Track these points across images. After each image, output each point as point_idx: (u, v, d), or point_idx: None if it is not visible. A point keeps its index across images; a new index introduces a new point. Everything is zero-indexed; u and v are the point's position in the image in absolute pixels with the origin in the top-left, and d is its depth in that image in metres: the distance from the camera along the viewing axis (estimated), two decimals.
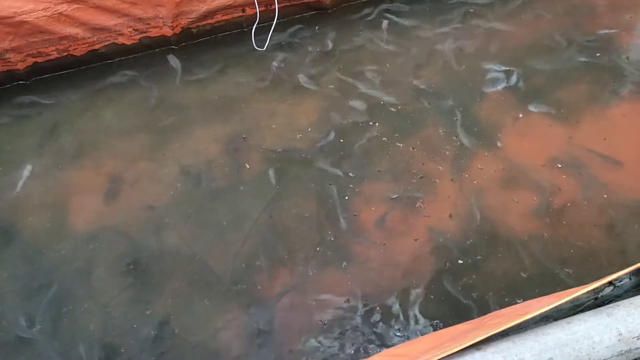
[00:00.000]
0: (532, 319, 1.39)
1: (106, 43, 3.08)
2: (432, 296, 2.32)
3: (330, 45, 3.28)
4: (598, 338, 1.36)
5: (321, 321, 2.25)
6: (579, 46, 3.29)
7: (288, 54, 3.23)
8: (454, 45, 3.29)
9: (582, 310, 1.49)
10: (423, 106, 2.98)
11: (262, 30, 3.27)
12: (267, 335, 2.22)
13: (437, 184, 2.67)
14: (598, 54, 3.24)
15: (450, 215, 2.55)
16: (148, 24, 3.10)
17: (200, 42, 3.28)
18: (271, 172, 2.69)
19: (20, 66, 2.96)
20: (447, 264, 2.41)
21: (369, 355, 1.98)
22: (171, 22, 3.12)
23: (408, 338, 2.20)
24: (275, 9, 3.25)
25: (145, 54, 3.20)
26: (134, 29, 3.09)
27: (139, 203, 2.59)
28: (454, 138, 2.84)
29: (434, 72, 3.15)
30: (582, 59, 3.22)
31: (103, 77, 3.09)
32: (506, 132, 2.87)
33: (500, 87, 3.08)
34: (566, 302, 1.42)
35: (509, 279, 2.37)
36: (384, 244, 2.47)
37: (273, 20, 3.26)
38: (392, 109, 2.97)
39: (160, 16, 3.08)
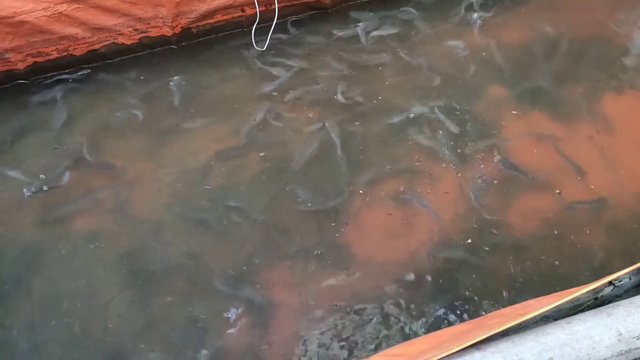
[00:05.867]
0: (532, 319, 1.40)
1: (106, 43, 3.08)
2: (431, 296, 2.32)
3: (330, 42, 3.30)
4: (598, 338, 1.36)
5: (319, 320, 2.25)
6: None
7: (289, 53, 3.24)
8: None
9: (582, 310, 1.49)
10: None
11: (262, 30, 3.27)
12: (266, 335, 2.22)
13: (438, 181, 2.67)
14: None
15: (451, 215, 2.56)
16: (148, 23, 3.10)
17: (200, 41, 3.28)
18: (273, 170, 2.70)
19: (20, 66, 2.96)
20: (448, 263, 2.41)
21: (368, 356, 1.98)
22: (171, 22, 3.12)
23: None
24: (275, 8, 3.25)
25: (145, 54, 3.20)
26: (134, 29, 3.09)
27: (139, 202, 2.59)
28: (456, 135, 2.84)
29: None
30: None
31: (103, 76, 3.10)
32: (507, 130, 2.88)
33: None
34: (566, 302, 1.42)
35: (509, 278, 2.37)
36: (385, 242, 2.47)
37: (273, 20, 3.25)
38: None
39: (160, 16, 3.08)
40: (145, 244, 2.46)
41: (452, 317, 2.26)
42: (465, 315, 2.27)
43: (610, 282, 1.49)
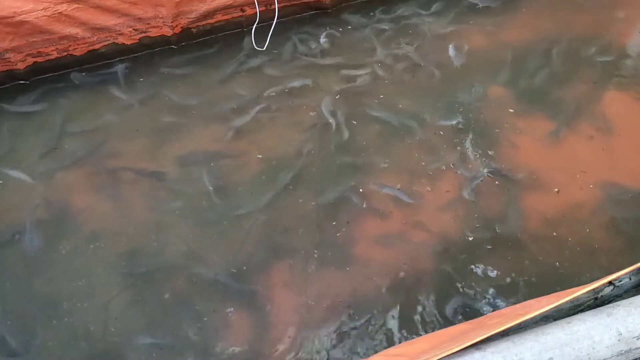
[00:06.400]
0: (532, 319, 1.40)
1: (106, 43, 3.08)
2: (431, 295, 2.32)
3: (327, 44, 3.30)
4: (598, 338, 1.36)
5: (319, 321, 2.25)
6: None
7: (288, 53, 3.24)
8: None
9: (582, 310, 1.50)
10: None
11: (262, 30, 3.27)
12: (266, 334, 2.22)
13: (439, 180, 2.67)
14: None
15: (451, 214, 2.56)
16: (148, 23, 3.10)
17: (200, 42, 3.28)
18: (273, 170, 2.70)
19: (20, 66, 2.96)
20: (448, 263, 2.41)
21: (368, 355, 1.98)
22: (171, 22, 3.12)
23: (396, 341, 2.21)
24: (275, 8, 3.25)
25: (145, 54, 3.20)
26: (134, 29, 3.09)
27: (139, 202, 2.59)
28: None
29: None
30: None
31: (103, 76, 3.10)
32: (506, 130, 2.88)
33: None
34: (566, 302, 1.42)
35: (509, 278, 2.37)
36: (386, 241, 2.47)
37: (273, 20, 3.26)
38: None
39: (160, 16, 3.08)
40: (145, 244, 2.46)
41: (452, 316, 2.26)
42: (464, 316, 2.27)
43: (610, 282, 1.50)
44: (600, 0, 3.58)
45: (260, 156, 2.76)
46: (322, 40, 3.31)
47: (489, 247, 2.46)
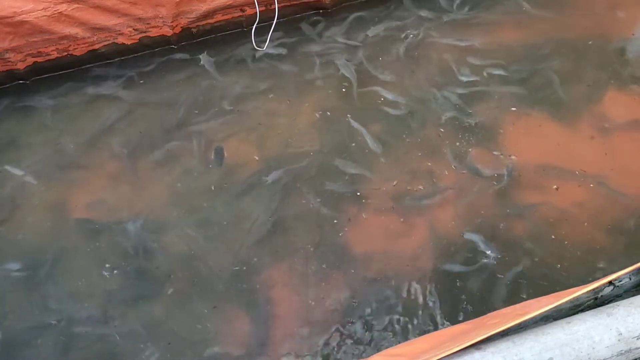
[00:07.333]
0: (532, 319, 1.40)
1: (106, 43, 3.08)
2: (432, 295, 2.32)
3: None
4: (598, 338, 1.36)
5: (319, 321, 2.25)
6: None
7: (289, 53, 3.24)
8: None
9: (582, 310, 1.50)
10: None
11: (262, 30, 3.27)
12: (266, 335, 2.22)
13: (440, 179, 2.67)
14: None
15: (452, 214, 2.56)
16: (148, 23, 3.10)
17: (200, 41, 3.28)
18: (273, 175, 2.70)
19: (20, 66, 2.96)
20: (449, 262, 2.41)
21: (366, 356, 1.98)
22: (171, 22, 3.12)
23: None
24: (275, 8, 3.25)
25: (145, 54, 3.20)
26: (133, 29, 3.09)
27: (139, 202, 2.59)
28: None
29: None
30: None
31: (103, 76, 3.10)
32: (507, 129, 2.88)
33: None
34: (566, 302, 1.42)
35: (509, 277, 2.37)
36: (387, 240, 2.47)
37: (273, 20, 3.25)
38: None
39: (160, 16, 3.08)
40: (145, 244, 2.46)
41: (452, 316, 2.26)
42: (464, 315, 2.27)
43: (610, 282, 1.50)
44: (601, 0, 3.57)
45: (260, 156, 2.76)
46: (322, 39, 3.31)
47: (491, 244, 2.46)
